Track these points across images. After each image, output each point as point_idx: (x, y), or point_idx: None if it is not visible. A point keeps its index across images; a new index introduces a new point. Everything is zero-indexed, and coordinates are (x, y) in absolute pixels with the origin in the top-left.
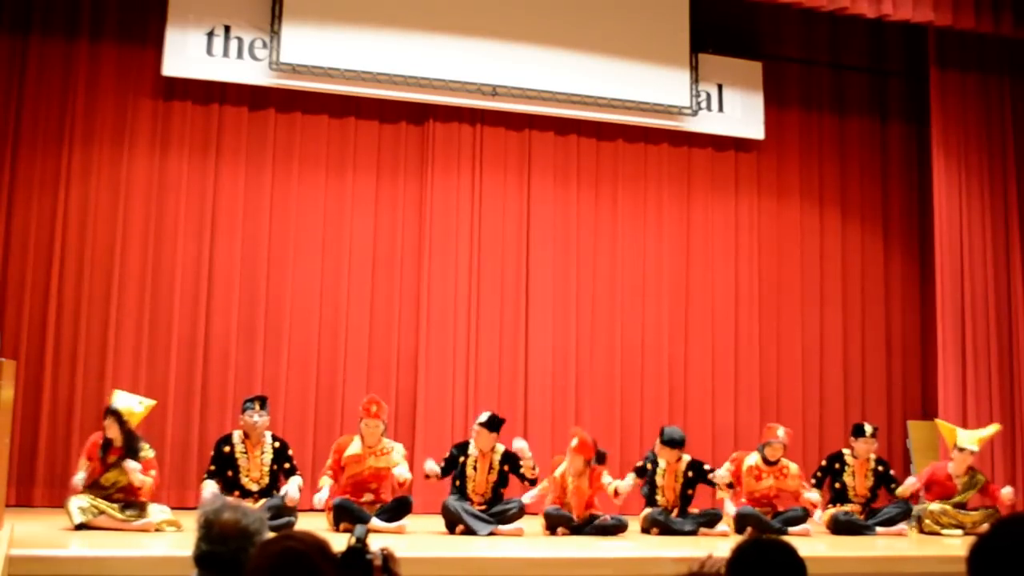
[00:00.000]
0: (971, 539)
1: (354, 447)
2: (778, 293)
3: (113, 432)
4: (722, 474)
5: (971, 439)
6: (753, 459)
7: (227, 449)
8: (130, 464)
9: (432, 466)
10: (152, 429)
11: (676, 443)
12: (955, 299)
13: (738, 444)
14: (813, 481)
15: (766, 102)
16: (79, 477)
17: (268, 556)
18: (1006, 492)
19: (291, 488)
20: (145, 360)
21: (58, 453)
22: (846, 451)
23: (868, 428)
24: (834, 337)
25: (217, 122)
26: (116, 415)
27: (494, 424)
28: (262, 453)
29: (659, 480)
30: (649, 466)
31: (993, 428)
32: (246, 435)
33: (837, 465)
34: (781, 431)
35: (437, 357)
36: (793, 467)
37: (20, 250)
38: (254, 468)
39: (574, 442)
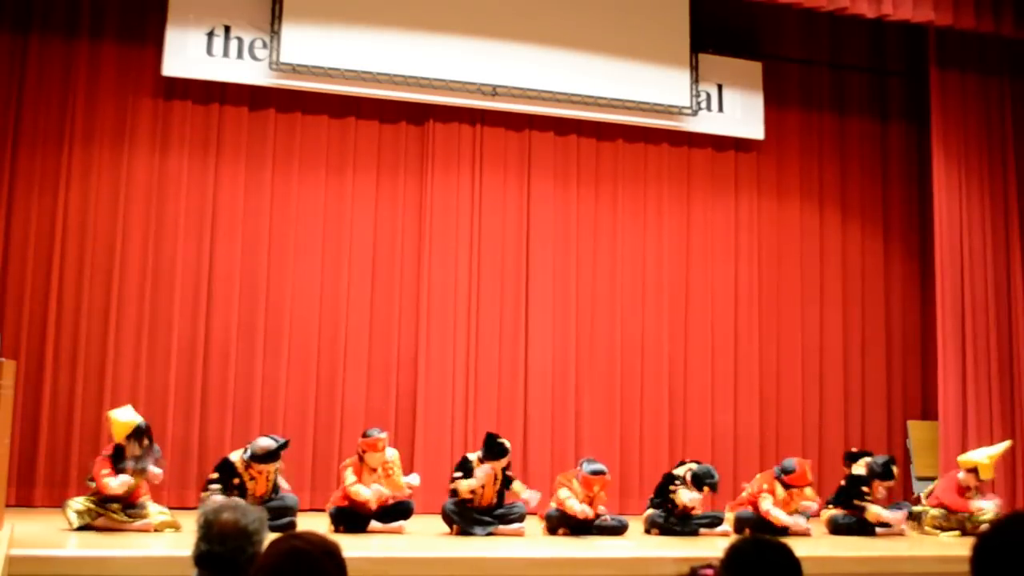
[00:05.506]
0: (972, 538)
1: (350, 479)
2: (778, 293)
3: (139, 449)
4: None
5: (991, 470)
6: (780, 491)
7: (236, 481)
8: (154, 470)
9: (465, 485)
10: (152, 429)
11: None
12: (955, 299)
13: (738, 444)
14: (830, 504)
15: (766, 102)
16: (116, 481)
17: (274, 555)
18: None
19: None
20: (145, 360)
21: (58, 453)
22: (860, 471)
23: (896, 471)
24: (834, 337)
25: (217, 122)
26: (148, 431)
27: (499, 453)
28: (267, 479)
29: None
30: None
31: (1004, 445)
32: (249, 465)
33: (859, 502)
34: (808, 491)
35: (437, 357)
36: (807, 491)
37: (20, 250)
38: (261, 487)
39: (597, 487)
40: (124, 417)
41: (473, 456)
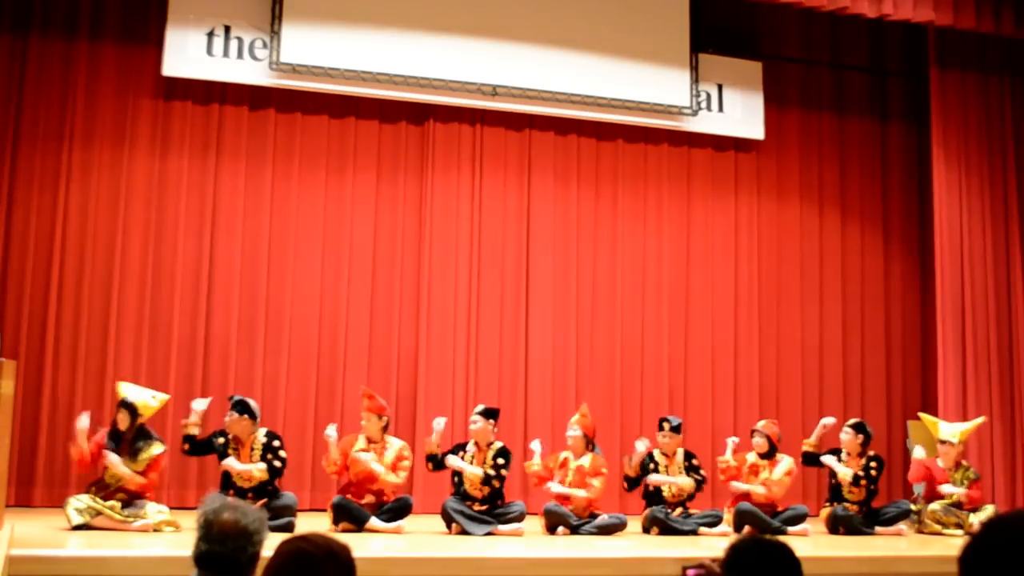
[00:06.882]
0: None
1: (359, 444)
2: (778, 293)
3: (125, 424)
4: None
5: (952, 432)
6: (751, 456)
7: (220, 441)
8: (111, 458)
9: (437, 427)
10: (152, 429)
11: (679, 429)
12: (955, 299)
13: (737, 444)
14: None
15: (766, 102)
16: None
17: (279, 555)
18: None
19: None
20: (145, 359)
21: (58, 453)
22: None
23: (850, 422)
24: (834, 337)
25: (217, 122)
26: (131, 408)
27: (489, 412)
28: (251, 451)
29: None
30: (652, 465)
31: (977, 421)
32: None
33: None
34: (762, 423)
35: (437, 357)
36: (786, 461)
37: (20, 249)
38: (245, 448)
39: (576, 417)
40: (123, 389)
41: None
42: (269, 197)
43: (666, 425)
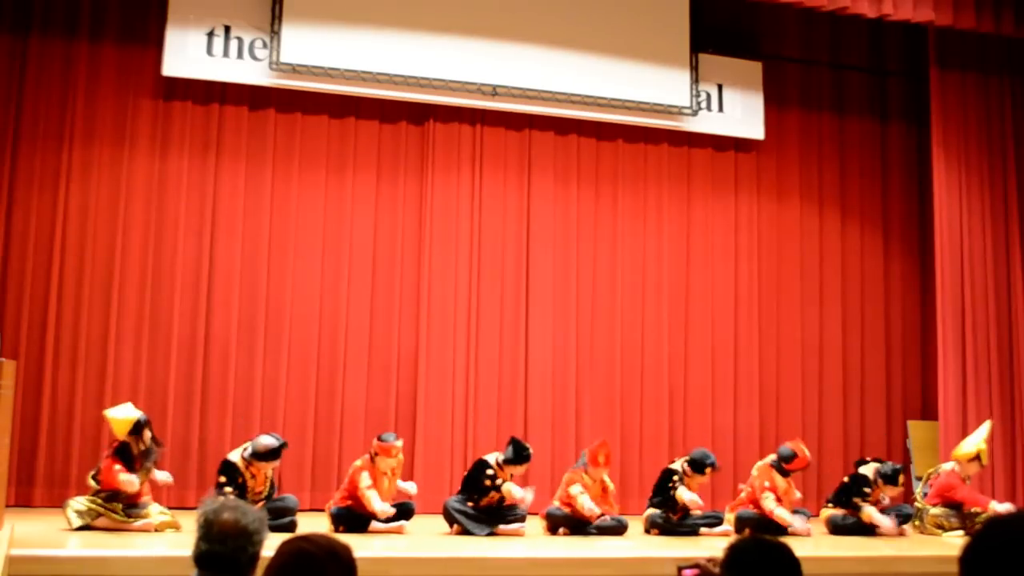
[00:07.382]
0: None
1: (377, 496)
2: (778, 293)
3: (149, 440)
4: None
5: (987, 452)
6: (780, 482)
7: (240, 480)
8: (160, 476)
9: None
10: (153, 428)
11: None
12: (955, 299)
13: (737, 444)
14: (830, 503)
15: (766, 102)
16: (128, 477)
17: (280, 555)
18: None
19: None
20: (145, 360)
21: (58, 453)
22: (867, 472)
23: (902, 480)
24: (834, 337)
25: (217, 122)
26: (149, 424)
27: (525, 459)
28: (265, 479)
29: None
30: (678, 484)
31: (987, 426)
32: (249, 463)
33: (858, 500)
34: (790, 445)
35: (437, 357)
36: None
37: (20, 250)
38: (260, 484)
39: (602, 459)
40: (122, 414)
41: (491, 458)
42: (269, 197)
43: (707, 475)
